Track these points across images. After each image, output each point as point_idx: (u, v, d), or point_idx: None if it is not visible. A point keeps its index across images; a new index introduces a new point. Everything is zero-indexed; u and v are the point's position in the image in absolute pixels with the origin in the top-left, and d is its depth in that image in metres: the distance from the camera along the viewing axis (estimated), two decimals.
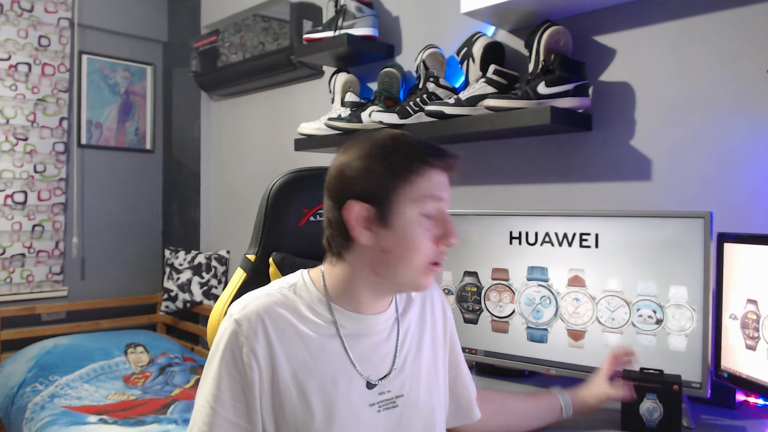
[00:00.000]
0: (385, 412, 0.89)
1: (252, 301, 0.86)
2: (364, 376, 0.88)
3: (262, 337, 0.82)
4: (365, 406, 0.87)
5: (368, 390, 0.88)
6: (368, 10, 2.06)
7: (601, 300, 1.31)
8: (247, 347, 0.82)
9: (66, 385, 2.38)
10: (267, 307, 0.85)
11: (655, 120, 1.49)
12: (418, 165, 0.83)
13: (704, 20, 1.41)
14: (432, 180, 0.84)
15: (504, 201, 1.80)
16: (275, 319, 0.84)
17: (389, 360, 0.91)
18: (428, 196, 0.83)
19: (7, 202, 2.83)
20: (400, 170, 0.82)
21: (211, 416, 0.81)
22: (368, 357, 0.89)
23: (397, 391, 0.91)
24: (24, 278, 2.89)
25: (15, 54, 2.83)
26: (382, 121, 1.80)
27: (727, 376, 1.19)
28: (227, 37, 2.77)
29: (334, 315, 0.88)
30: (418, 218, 0.83)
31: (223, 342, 0.83)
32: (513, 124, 1.52)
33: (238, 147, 2.95)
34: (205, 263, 2.97)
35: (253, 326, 0.82)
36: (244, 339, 0.82)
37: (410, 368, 0.93)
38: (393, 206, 0.82)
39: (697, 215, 1.19)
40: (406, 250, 0.83)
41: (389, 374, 0.91)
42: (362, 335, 0.89)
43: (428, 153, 0.84)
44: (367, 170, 0.83)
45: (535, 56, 1.54)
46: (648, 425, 1.12)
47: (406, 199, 0.83)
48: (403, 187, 0.82)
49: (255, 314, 0.83)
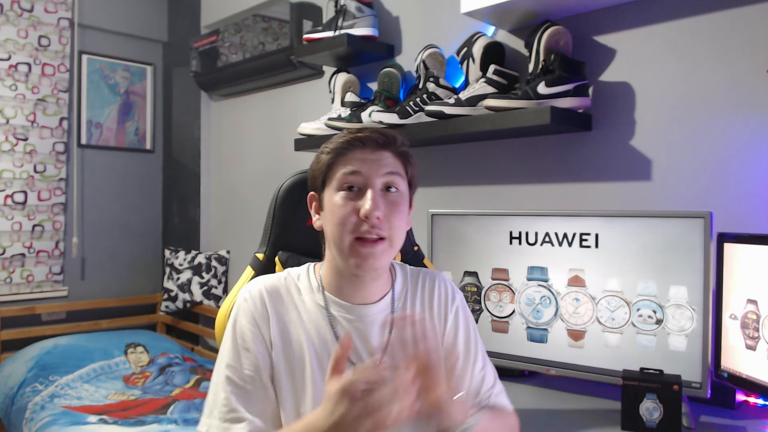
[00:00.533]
0: None
1: (261, 281, 0.95)
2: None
3: (264, 312, 0.91)
4: None
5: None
6: (368, 10, 2.06)
7: (601, 300, 1.31)
8: (252, 319, 0.90)
9: (66, 385, 2.38)
10: (269, 287, 0.94)
11: (655, 120, 1.49)
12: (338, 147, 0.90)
13: (704, 20, 1.41)
14: (353, 158, 0.89)
15: (504, 201, 1.80)
16: (275, 298, 0.93)
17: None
18: (347, 173, 0.89)
19: (7, 202, 2.83)
20: (324, 155, 0.92)
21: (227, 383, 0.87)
22: (355, 345, 0.92)
23: None
24: (24, 278, 2.89)
25: (15, 54, 2.83)
26: (382, 121, 1.80)
27: (727, 376, 1.19)
28: (227, 37, 2.77)
29: (327, 302, 0.93)
30: (339, 195, 0.89)
31: (233, 317, 0.93)
32: (513, 124, 1.52)
33: (238, 147, 2.95)
34: (205, 263, 2.97)
35: (255, 300, 0.91)
36: (249, 312, 0.91)
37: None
38: (325, 190, 0.92)
39: (697, 215, 1.19)
40: (332, 225, 0.89)
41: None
42: (351, 323, 0.92)
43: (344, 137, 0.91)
44: (314, 162, 0.94)
45: (535, 56, 1.54)
46: (648, 425, 1.12)
47: (331, 180, 0.91)
48: (329, 170, 0.91)
49: (258, 291, 0.93)
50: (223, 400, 0.86)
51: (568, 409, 1.30)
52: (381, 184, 0.88)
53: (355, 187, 0.88)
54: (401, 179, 0.91)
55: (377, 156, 0.89)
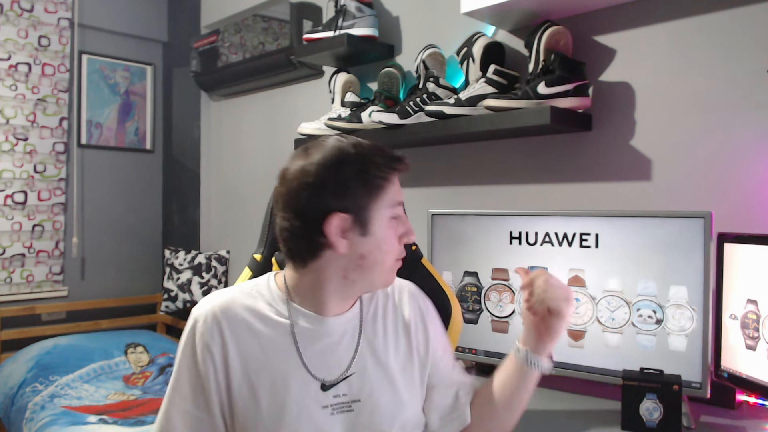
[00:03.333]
0: (340, 415, 0.88)
1: (212, 299, 0.90)
2: (318, 378, 0.88)
3: (217, 334, 0.87)
4: (317, 408, 0.87)
5: (321, 392, 0.88)
6: (368, 10, 2.06)
7: (601, 300, 1.31)
8: (203, 343, 0.86)
9: (66, 385, 2.38)
10: (225, 306, 0.89)
11: (655, 120, 1.49)
12: (388, 173, 0.87)
13: (704, 20, 1.41)
14: (396, 184, 0.89)
15: (504, 201, 1.80)
16: (231, 317, 0.88)
17: (346, 363, 0.90)
18: (395, 201, 0.89)
19: (7, 202, 2.83)
20: (374, 179, 0.86)
21: (171, 406, 0.87)
22: (323, 358, 0.89)
23: (353, 395, 0.90)
24: (24, 278, 2.89)
25: (15, 54, 2.83)
26: (382, 121, 1.80)
27: (727, 376, 1.19)
28: (227, 37, 2.77)
29: (292, 314, 0.90)
30: (389, 222, 0.88)
31: (183, 338, 0.90)
32: (513, 124, 1.52)
33: (238, 147, 2.95)
34: (205, 263, 2.97)
35: (208, 324, 0.87)
36: (200, 335, 0.87)
37: (372, 373, 0.91)
38: (370, 214, 0.86)
39: (697, 215, 1.19)
40: (382, 252, 0.88)
41: (344, 377, 0.90)
42: (318, 336, 0.90)
43: (392, 160, 0.88)
44: (342, 183, 0.84)
45: (535, 56, 1.54)
46: (648, 425, 1.12)
47: (381, 206, 0.87)
48: (378, 195, 0.86)
49: (212, 313, 0.88)
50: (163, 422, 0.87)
51: (568, 409, 1.30)
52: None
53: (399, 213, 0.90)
54: None
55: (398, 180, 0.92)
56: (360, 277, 0.88)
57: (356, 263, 0.87)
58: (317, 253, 0.86)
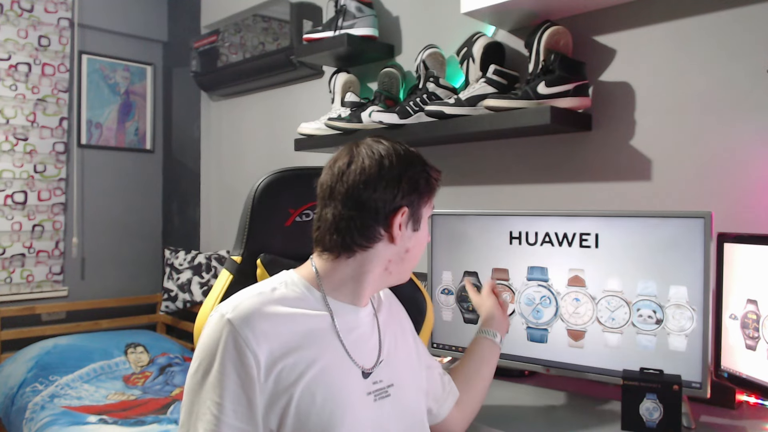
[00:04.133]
0: (380, 401, 0.93)
1: (244, 300, 0.85)
2: (359, 365, 0.91)
3: (260, 335, 0.82)
4: (363, 395, 0.90)
5: (364, 379, 0.91)
6: (368, 10, 2.06)
7: (601, 300, 1.31)
8: (246, 347, 0.81)
9: (66, 385, 2.38)
10: (260, 306, 0.85)
11: (655, 120, 1.49)
12: (436, 179, 0.96)
13: (704, 20, 1.41)
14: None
15: (504, 201, 1.80)
16: (269, 316, 0.84)
17: (376, 351, 0.96)
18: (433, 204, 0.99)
19: (7, 202, 2.83)
20: (432, 181, 0.96)
21: (213, 423, 0.80)
22: (360, 347, 0.92)
23: (388, 380, 0.95)
24: (24, 278, 2.89)
25: (15, 54, 2.83)
26: (382, 121, 1.80)
27: (727, 376, 1.19)
28: (227, 37, 2.77)
29: (330, 307, 0.91)
30: (426, 222, 0.97)
31: (221, 345, 0.81)
32: (513, 124, 1.52)
33: (238, 147, 2.94)
34: (205, 263, 2.97)
35: (249, 326, 0.82)
36: (242, 340, 0.81)
37: (394, 359, 0.98)
38: (422, 212, 0.95)
39: (697, 215, 1.19)
40: (421, 249, 0.97)
41: (378, 363, 0.94)
42: (353, 327, 0.93)
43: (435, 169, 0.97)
44: (412, 180, 0.92)
45: (535, 56, 1.54)
46: (648, 425, 1.12)
47: (427, 207, 0.96)
48: (428, 196, 0.95)
49: (249, 313, 0.83)
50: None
51: (568, 409, 1.30)
52: None
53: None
54: None
55: None
56: (398, 269, 0.95)
57: (401, 256, 0.94)
58: (372, 243, 0.90)
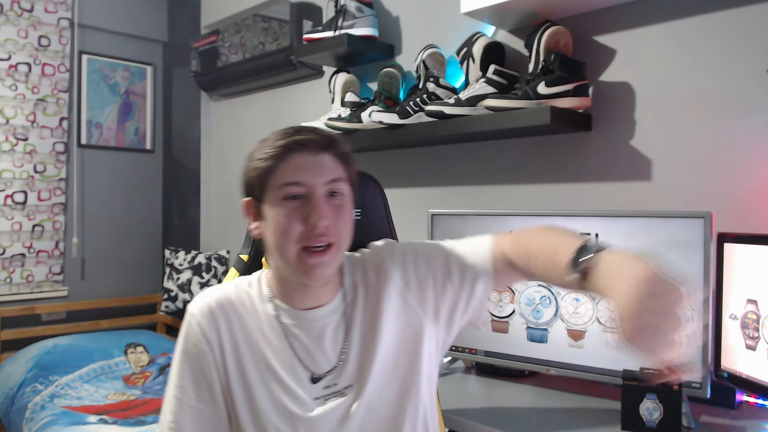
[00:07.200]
0: (332, 402, 0.89)
1: (208, 294, 0.92)
2: (309, 369, 0.90)
3: (214, 328, 0.89)
4: (309, 399, 0.89)
5: (312, 384, 0.89)
6: (368, 10, 2.06)
7: (602, 300, 1.31)
8: (201, 335, 0.88)
9: (66, 385, 2.38)
10: (219, 300, 0.91)
11: (655, 120, 1.49)
12: (275, 152, 0.86)
13: (704, 20, 1.40)
14: (294, 164, 0.86)
15: (504, 201, 1.80)
16: (226, 310, 0.90)
17: (335, 355, 0.91)
18: (289, 183, 0.85)
19: (7, 202, 2.83)
20: (264, 161, 0.87)
21: (176, 405, 0.87)
22: (310, 352, 0.90)
23: (345, 383, 0.90)
24: (24, 278, 2.89)
25: (15, 54, 2.83)
26: (382, 121, 1.80)
27: (727, 376, 1.19)
28: (227, 37, 2.77)
29: (277, 310, 0.92)
30: (281, 202, 0.85)
31: (182, 334, 0.90)
32: (513, 124, 1.52)
33: (238, 147, 2.94)
34: (205, 263, 2.97)
35: (205, 316, 0.89)
36: (197, 327, 0.89)
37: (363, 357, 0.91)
38: (264, 196, 0.87)
39: (697, 215, 1.19)
40: (276, 236, 0.85)
41: (335, 368, 0.90)
42: (302, 330, 0.91)
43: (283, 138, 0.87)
44: (249, 166, 0.90)
45: (535, 56, 1.54)
46: (648, 425, 1.12)
47: (272, 187, 0.86)
48: (268, 177, 0.86)
49: (207, 307, 0.90)
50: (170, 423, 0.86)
51: (568, 409, 1.30)
52: (325, 191, 0.86)
53: (298, 195, 0.85)
54: (344, 183, 0.89)
55: (318, 160, 0.87)
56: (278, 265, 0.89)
57: (269, 248, 0.89)
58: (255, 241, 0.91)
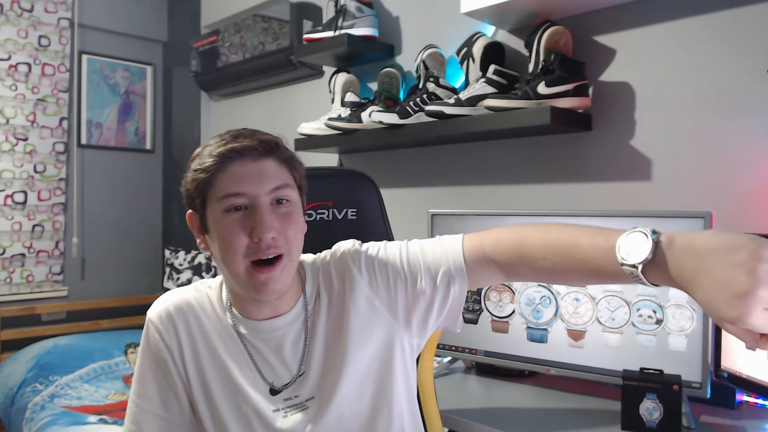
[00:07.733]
0: (293, 415, 0.85)
1: (166, 299, 0.89)
2: (267, 381, 0.86)
3: (173, 331, 0.86)
4: (268, 411, 0.85)
5: (271, 395, 0.86)
6: (368, 10, 2.06)
7: (601, 300, 1.31)
8: (161, 341, 0.86)
9: (66, 385, 2.38)
10: (178, 304, 0.88)
11: (655, 120, 1.49)
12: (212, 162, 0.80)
13: (704, 20, 1.40)
14: (232, 174, 0.80)
15: (504, 201, 1.80)
16: (185, 314, 0.87)
17: (295, 365, 0.87)
18: (230, 194, 0.79)
19: (7, 202, 2.83)
20: (201, 173, 0.81)
21: (137, 414, 0.85)
22: (270, 363, 0.87)
23: (307, 394, 0.86)
24: (24, 278, 2.89)
25: (15, 54, 2.83)
26: (382, 121, 1.80)
27: (727, 376, 1.19)
28: (227, 37, 2.77)
29: (235, 320, 0.88)
30: (224, 215, 0.80)
31: (142, 341, 0.88)
32: (513, 124, 1.52)
33: None
34: (205, 263, 2.97)
35: (163, 321, 0.86)
36: (157, 334, 0.86)
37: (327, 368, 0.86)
38: (206, 209, 0.82)
39: (697, 215, 1.19)
40: (221, 250, 0.80)
41: (295, 380, 0.86)
42: (260, 340, 0.87)
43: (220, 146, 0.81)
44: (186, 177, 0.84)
45: (535, 56, 1.54)
46: (648, 425, 1.12)
47: (212, 199, 0.81)
48: (207, 189, 0.81)
49: (165, 310, 0.87)
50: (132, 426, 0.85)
51: (568, 409, 1.30)
52: (270, 200, 0.80)
53: (241, 206, 0.79)
54: (290, 188, 0.83)
55: (260, 167, 0.80)
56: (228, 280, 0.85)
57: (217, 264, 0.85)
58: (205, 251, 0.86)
